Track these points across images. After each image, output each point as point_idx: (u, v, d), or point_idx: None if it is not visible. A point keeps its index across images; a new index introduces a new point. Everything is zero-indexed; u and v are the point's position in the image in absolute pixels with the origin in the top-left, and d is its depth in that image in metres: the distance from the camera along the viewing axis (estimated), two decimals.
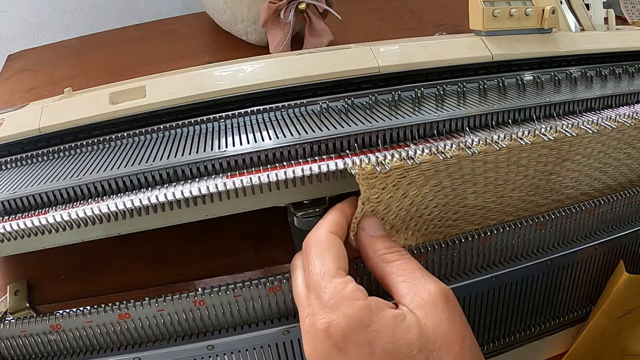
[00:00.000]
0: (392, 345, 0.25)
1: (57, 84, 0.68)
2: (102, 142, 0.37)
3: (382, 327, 0.25)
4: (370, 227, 0.30)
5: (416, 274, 0.28)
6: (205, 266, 0.41)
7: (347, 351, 0.25)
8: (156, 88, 0.38)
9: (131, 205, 0.30)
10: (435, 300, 0.26)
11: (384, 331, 0.25)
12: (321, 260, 0.27)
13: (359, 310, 0.25)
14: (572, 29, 0.48)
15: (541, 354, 0.40)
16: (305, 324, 0.27)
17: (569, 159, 0.36)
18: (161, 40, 0.77)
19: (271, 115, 0.38)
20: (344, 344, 0.25)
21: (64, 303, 0.38)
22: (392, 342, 0.25)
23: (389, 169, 0.30)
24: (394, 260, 0.28)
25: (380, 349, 0.25)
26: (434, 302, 0.26)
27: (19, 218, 0.31)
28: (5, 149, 0.37)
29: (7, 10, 0.89)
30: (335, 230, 0.29)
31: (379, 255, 0.29)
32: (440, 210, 0.33)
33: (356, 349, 0.25)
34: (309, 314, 0.27)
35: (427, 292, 0.27)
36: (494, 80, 0.41)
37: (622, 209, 0.39)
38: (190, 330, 0.33)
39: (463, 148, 0.31)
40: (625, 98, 0.42)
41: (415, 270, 0.28)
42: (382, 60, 0.39)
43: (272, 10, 0.63)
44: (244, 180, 0.31)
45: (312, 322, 0.26)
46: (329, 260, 0.27)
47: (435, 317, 0.26)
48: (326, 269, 0.27)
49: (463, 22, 0.72)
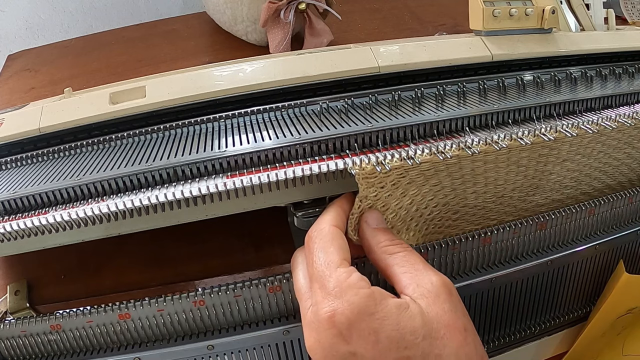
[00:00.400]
0: (397, 333, 0.25)
1: (57, 84, 0.68)
2: (102, 142, 0.37)
3: (387, 315, 0.25)
4: (373, 220, 0.30)
5: (419, 266, 0.28)
6: (205, 266, 0.41)
7: (352, 339, 0.25)
8: (156, 88, 0.38)
9: (131, 205, 0.30)
10: (438, 291, 0.26)
11: (388, 319, 0.25)
12: (325, 252, 0.28)
13: (363, 298, 0.25)
14: (572, 29, 0.48)
15: (541, 354, 0.40)
16: (308, 315, 0.27)
17: (569, 159, 0.36)
18: (161, 40, 0.77)
19: (271, 115, 0.38)
20: (348, 332, 0.25)
21: (64, 303, 0.38)
22: (397, 329, 0.25)
23: (389, 169, 0.30)
24: (396, 252, 0.29)
25: (385, 336, 0.25)
26: (436, 293, 0.26)
27: (19, 218, 0.31)
28: (5, 149, 0.37)
29: (7, 10, 0.89)
30: (337, 223, 0.29)
31: (381, 247, 0.29)
32: (440, 210, 0.33)
33: (361, 337, 0.25)
34: (312, 304, 0.27)
35: (429, 282, 0.27)
36: (494, 80, 0.41)
37: (622, 209, 0.39)
38: (190, 330, 0.33)
39: (463, 148, 0.31)
40: (625, 98, 0.42)
41: (417, 262, 0.28)
42: (382, 60, 0.39)
43: (272, 10, 0.63)
44: (244, 180, 0.31)
45: (315, 312, 0.26)
46: (332, 250, 0.28)
47: (438, 307, 0.26)
48: (330, 259, 0.27)
49: (463, 22, 0.73)
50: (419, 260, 0.28)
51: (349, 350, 0.25)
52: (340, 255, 0.28)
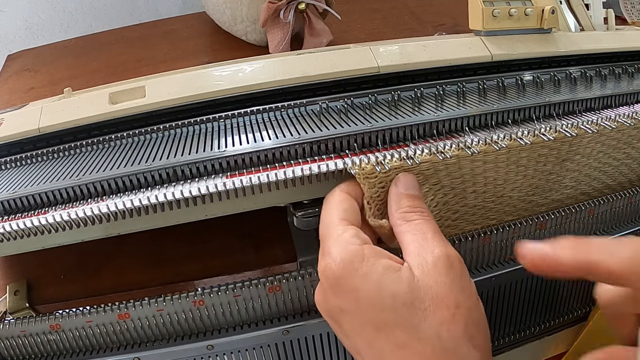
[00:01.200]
0: (376, 294, 0.25)
1: (56, 84, 0.68)
2: (101, 142, 0.37)
3: (369, 272, 0.25)
4: (403, 184, 0.30)
5: (427, 235, 0.27)
6: (205, 266, 0.41)
7: (339, 294, 0.26)
8: (156, 88, 0.38)
9: (131, 205, 0.30)
10: (436, 262, 0.26)
11: (370, 277, 0.25)
12: (329, 213, 0.29)
13: (351, 253, 0.26)
14: (572, 29, 0.48)
15: (541, 354, 0.40)
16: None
17: (569, 159, 0.36)
18: (161, 40, 0.77)
19: (271, 115, 0.38)
20: (336, 286, 0.26)
21: (64, 303, 0.38)
22: (377, 290, 0.25)
23: (389, 168, 0.30)
24: (413, 219, 0.28)
25: (364, 295, 0.25)
26: (434, 263, 0.26)
27: (18, 218, 0.31)
28: (5, 149, 0.37)
29: (7, 10, 0.89)
30: (349, 190, 0.30)
31: (401, 212, 0.29)
32: (440, 210, 0.33)
33: (344, 293, 0.25)
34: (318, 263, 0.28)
35: (431, 253, 0.26)
36: (493, 80, 0.41)
37: (621, 209, 0.39)
38: (190, 330, 0.33)
39: (462, 148, 0.31)
40: (625, 98, 0.42)
41: (428, 231, 0.27)
42: (381, 60, 0.39)
43: (271, 10, 0.63)
44: (243, 180, 0.31)
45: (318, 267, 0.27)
46: (335, 212, 0.28)
47: (431, 278, 0.25)
48: (331, 219, 0.28)
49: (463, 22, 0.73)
50: (431, 230, 0.27)
51: (337, 304, 0.26)
52: (341, 215, 0.28)
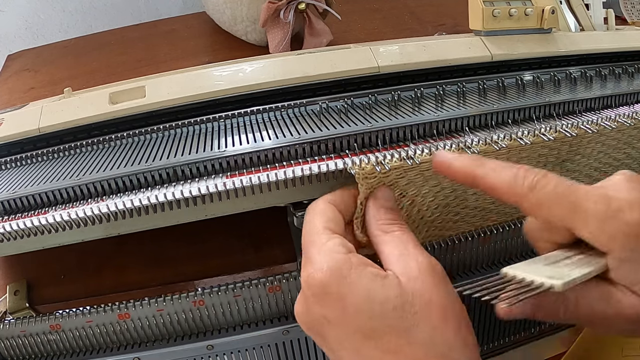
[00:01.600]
0: (365, 300, 0.25)
1: (56, 84, 0.68)
2: (101, 142, 0.37)
3: (357, 280, 0.25)
4: (380, 196, 0.30)
5: (409, 245, 0.27)
6: (204, 266, 0.41)
7: (324, 303, 0.25)
8: (156, 88, 0.38)
9: (131, 205, 0.30)
10: (421, 268, 0.26)
11: (358, 285, 0.25)
12: (312, 221, 0.28)
13: (338, 262, 0.25)
14: (572, 29, 0.48)
15: (541, 354, 0.40)
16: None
17: (569, 159, 0.36)
18: (161, 40, 0.77)
19: (271, 115, 0.38)
20: (321, 295, 0.25)
21: (64, 303, 0.38)
22: (366, 297, 0.25)
23: (389, 168, 0.30)
24: (392, 231, 0.28)
25: (352, 302, 0.25)
26: (419, 269, 0.26)
27: (19, 218, 0.31)
28: (5, 149, 0.37)
29: (7, 10, 0.89)
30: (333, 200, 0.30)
31: (380, 224, 0.29)
32: (441, 212, 0.33)
33: (331, 301, 0.25)
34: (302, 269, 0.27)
35: (414, 260, 0.26)
36: (493, 80, 0.41)
37: None
38: (190, 330, 0.33)
39: (463, 148, 0.31)
40: (625, 98, 0.42)
41: (409, 242, 0.28)
42: (381, 60, 0.39)
43: (271, 10, 0.63)
44: (243, 180, 0.31)
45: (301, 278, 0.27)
46: (318, 220, 0.28)
47: (418, 283, 0.25)
48: (314, 227, 0.28)
49: (463, 22, 0.73)
50: (411, 241, 0.28)
51: (322, 313, 0.26)
52: (324, 224, 0.28)
